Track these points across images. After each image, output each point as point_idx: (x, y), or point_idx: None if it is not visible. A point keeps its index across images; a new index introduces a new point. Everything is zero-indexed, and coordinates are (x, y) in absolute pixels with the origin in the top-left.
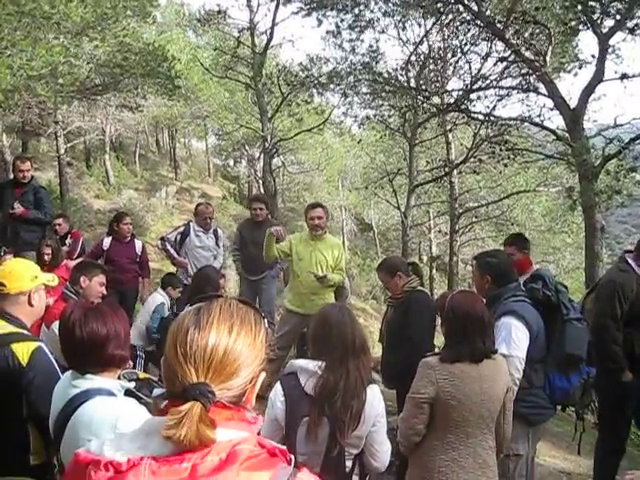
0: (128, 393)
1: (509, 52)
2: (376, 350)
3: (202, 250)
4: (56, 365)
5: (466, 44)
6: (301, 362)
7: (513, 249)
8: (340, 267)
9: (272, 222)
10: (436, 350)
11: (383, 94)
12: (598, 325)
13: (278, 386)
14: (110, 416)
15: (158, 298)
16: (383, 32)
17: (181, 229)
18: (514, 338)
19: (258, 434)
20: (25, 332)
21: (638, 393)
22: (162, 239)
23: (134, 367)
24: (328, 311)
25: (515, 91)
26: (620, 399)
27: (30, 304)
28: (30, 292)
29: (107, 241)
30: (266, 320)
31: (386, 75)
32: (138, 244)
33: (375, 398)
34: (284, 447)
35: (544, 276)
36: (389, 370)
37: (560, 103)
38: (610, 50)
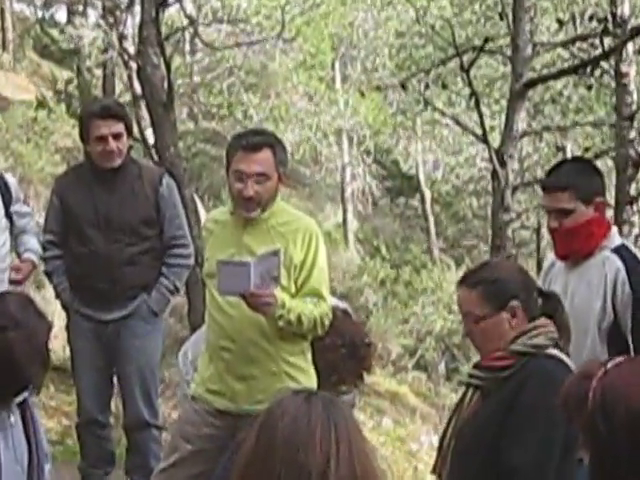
0: None
1: None
2: None
3: None
4: None
5: None
6: None
7: (567, 197)
8: (312, 288)
9: (147, 169)
10: None
11: None
12: None
13: None
14: None
15: None
16: None
17: None
18: None
19: None
20: None
21: None
22: None
23: None
24: (279, 407)
25: None
26: None
27: None
28: None
29: None
30: None
31: None
32: None
33: None
34: None
35: None
36: None
37: None
38: None
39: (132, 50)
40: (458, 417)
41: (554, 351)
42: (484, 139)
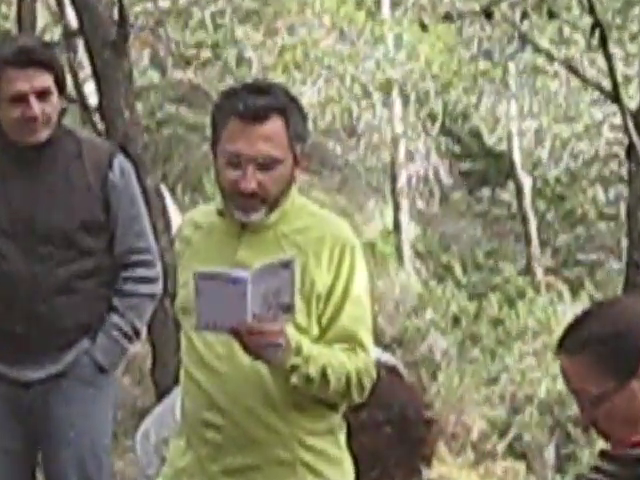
0: None
1: None
2: None
3: None
4: None
5: None
6: None
7: None
8: (345, 330)
9: (90, 146)
10: None
11: None
12: None
13: None
14: None
15: None
16: None
17: None
18: None
19: None
20: None
21: None
22: None
23: None
24: None
25: None
26: None
27: None
28: None
29: None
30: None
31: None
32: None
33: None
34: None
35: None
36: None
37: None
38: None
39: None
40: None
41: None
42: (615, 96)
